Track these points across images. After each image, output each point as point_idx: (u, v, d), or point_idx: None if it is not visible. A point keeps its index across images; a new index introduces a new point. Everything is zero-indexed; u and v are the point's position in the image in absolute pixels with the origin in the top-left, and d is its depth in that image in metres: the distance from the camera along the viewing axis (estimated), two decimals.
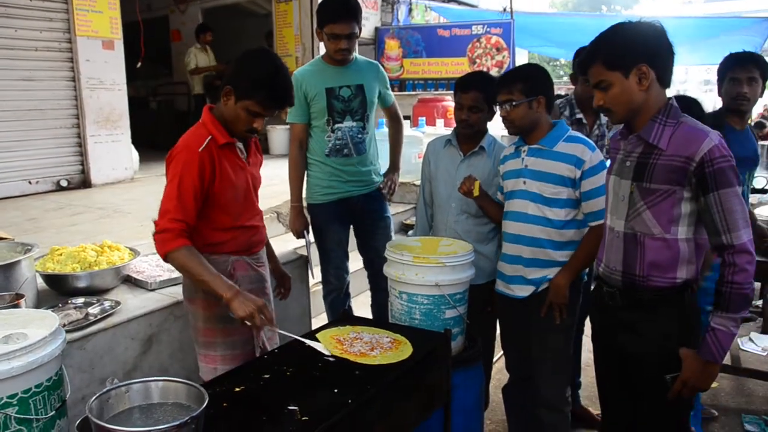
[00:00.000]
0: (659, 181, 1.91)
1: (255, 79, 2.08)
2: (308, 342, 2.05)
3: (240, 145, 2.25)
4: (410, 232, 3.28)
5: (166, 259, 2.05)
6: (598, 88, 1.97)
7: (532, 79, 2.52)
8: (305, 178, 3.42)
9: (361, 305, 4.21)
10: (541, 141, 2.54)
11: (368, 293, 3.80)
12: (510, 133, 2.63)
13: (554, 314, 2.54)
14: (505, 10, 10.56)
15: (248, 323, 2.01)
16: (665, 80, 1.95)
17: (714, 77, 3.31)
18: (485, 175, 2.86)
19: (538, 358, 2.66)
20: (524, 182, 2.56)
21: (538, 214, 2.53)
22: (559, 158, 2.51)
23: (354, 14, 3.15)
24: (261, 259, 2.41)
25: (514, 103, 2.48)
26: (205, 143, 2.11)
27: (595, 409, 3.30)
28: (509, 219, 2.62)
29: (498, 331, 2.94)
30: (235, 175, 2.20)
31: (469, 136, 2.87)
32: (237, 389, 1.78)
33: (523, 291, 2.60)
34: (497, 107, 2.60)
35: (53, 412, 1.61)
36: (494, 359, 3.31)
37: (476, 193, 2.65)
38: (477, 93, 2.77)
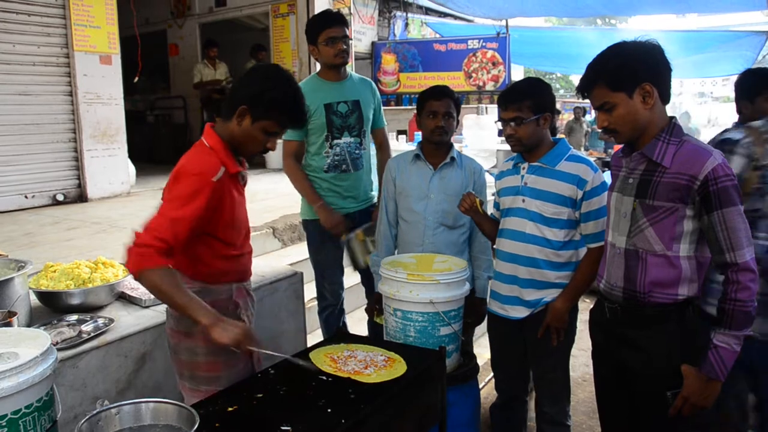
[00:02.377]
0: (662, 199, 1.92)
1: (275, 99, 1.98)
2: (299, 362, 2.00)
3: (244, 172, 2.17)
4: (372, 254, 3.16)
5: (138, 275, 1.90)
6: (601, 110, 1.97)
7: (539, 95, 2.46)
8: (301, 195, 3.41)
9: (357, 321, 4.21)
10: (542, 159, 2.50)
11: (364, 308, 3.78)
12: (515, 150, 2.57)
13: (552, 336, 2.52)
14: (499, 34, 10.64)
15: (234, 350, 1.91)
16: (666, 97, 1.97)
17: (708, 90, 3.29)
18: (460, 185, 2.87)
19: (538, 377, 2.65)
20: (523, 200, 2.52)
21: (536, 233, 2.49)
22: (561, 177, 2.47)
23: (344, 20, 3.29)
24: (250, 285, 2.34)
25: (524, 121, 2.43)
26: (220, 174, 1.98)
27: (594, 426, 3.29)
28: (505, 237, 2.59)
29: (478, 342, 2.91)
30: (239, 203, 2.13)
31: (439, 146, 2.88)
32: (230, 409, 1.77)
33: (519, 312, 2.57)
34: (499, 124, 2.53)
35: None
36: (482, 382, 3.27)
37: (481, 210, 2.61)
38: (449, 99, 2.80)
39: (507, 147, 8.47)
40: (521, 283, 2.54)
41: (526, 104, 2.43)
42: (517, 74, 14.13)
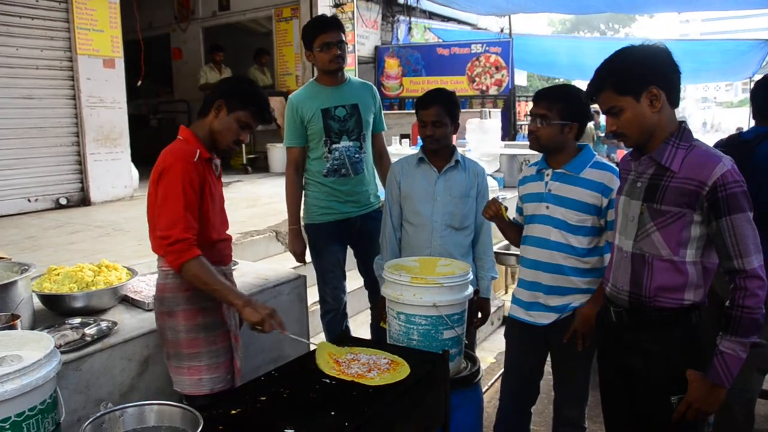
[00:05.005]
0: (670, 203, 1.91)
1: (246, 91, 2.32)
2: (311, 343, 2.19)
3: (217, 161, 2.39)
4: (377, 258, 3.17)
5: (180, 269, 2.13)
6: (609, 114, 1.97)
7: (572, 103, 2.45)
8: (303, 198, 3.42)
9: (360, 325, 4.20)
10: (567, 166, 2.49)
11: (367, 312, 3.78)
12: (531, 148, 2.57)
13: (578, 342, 2.49)
14: (502, 30, 10.66)
15: (259, 328, 2.16)
16: (674, 100, 1.96)
17: (711, 95, 3.25)
18: (464, 188, 2.90)
19: (560, 380, 2.65)
20: (547, 207, 2.51)
21: (561, 240, 2.47)
22: (585, 185, 2.45)
23: (339, 24, 3.28)
24: (231, 270, 2.54)
25: (550, 122, 2.42)
26: (197, 156, 2.21)
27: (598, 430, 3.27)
28: (529, 244, 2.57)
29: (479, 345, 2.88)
30: (215, 188, 2.35)
31: (436, 151, 2.90)
32: (233, 411, 1.77)
33: (545, 318, 2.55)
34: (529, 117, 2.51)
35: None
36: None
37: (506, 217, 2.59)
38: (437, 107, 2.82)
39: (509, 151, 8.43)
40: (544, 290, 2.52)
41: (556, 106, 2.42)
42: (521, 79, 14.13)
